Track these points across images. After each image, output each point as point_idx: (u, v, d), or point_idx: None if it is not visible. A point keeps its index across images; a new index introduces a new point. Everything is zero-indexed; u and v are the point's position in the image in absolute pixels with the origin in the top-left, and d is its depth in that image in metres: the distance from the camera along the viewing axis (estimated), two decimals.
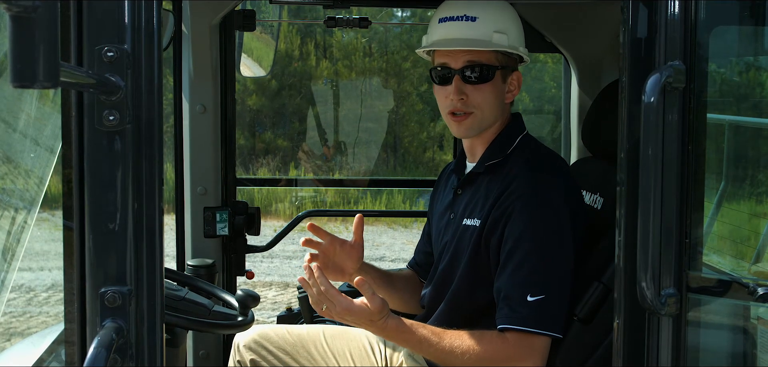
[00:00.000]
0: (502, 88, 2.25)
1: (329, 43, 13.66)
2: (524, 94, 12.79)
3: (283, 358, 2.45)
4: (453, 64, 2.20)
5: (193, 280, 2.65)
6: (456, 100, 2.20)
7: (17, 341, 4.71)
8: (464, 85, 2.20)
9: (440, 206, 2.46)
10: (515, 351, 2.03)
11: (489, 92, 2.21)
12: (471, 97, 2.20)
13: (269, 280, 8.49)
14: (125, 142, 1.30)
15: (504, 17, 2.24)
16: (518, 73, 2.30)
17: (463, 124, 2.23)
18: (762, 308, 1.80)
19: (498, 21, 2.21)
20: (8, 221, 1.92)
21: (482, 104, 2.21)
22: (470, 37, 2.19)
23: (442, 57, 2.23)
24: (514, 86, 2.29)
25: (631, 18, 1.52)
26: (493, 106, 2.23)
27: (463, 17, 2.20)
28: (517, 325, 2.03)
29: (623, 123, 1.54)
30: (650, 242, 1.46)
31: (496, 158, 2.25)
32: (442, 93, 2.25)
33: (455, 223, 2.30)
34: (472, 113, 2.22)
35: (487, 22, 2.19)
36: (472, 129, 2.25)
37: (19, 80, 0.94)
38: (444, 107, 2.25)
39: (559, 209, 2.11)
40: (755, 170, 2.96)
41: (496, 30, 2.19)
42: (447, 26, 2.22)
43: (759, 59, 2.27)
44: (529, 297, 2.02)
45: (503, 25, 2.21)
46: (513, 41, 2.23)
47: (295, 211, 10.82)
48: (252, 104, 13.04)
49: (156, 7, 1.32)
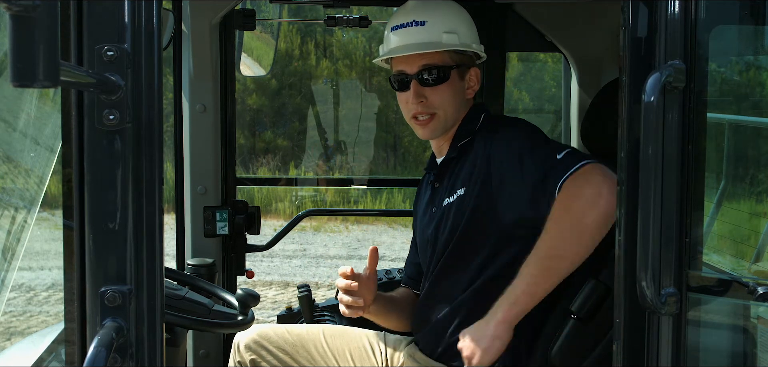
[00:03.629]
0: (460, 86, 2.33)
1: (329, 43, 13.65)
2: (524, 94, 12.81)
3: (283, 358, 2.45)
4: (409, 69, 2.29)
5: (193, 279, 2.64)
6: (416, 104, 2.28)
7: (17, 341, 4.71)
8: (422, 88, 2.28)
9: (421, 208, 2.50)
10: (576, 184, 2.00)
11: (447, 92, 2.29)
12: (430, 99, 2.28)
13: (269, 279, 8.50)
14: (125, 142, 1.30)
15: (453, 17, 2.31)
16: (476, 69, 2.38)
17: (428, 126, 2.31)
18: (762, 307, 1.80)
19: (447, 22, 2.29)
20: (8, 220, 1.92)
21: (442, 104, 2.29)
22: (421, 40, 2.27)
23: (399, 64, 2.31)
24: (474, 82, 2.37)
25: (631, 17, 1.52)
26: (453, 105, 2.31)
27: (413, 23, 2.29)
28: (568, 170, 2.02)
29: (623, 122, 1.54)
30: (650, 242, 1.46)
31: (466, 138, 2.32)
32: (402, 99, 2.33)
33: (437, 211, 2.34)
34: (435, 115, 2.30)
35: (436, 24, 2.28)
36: (436, 130, 2.33)
37: (19, 79, 0.94)
38: (406, 112, 2.33)
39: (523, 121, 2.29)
40: (755, 169, 2.96)
41: (446, 30, 2.27)
42: (399, 34, 2.30)
43: (759, 58, 2.27)
44: (557, 156, 2.06)
45: (452, 25, 2.29)
46: (464, 39, 2.30)
47: (295, 210, 10.82)
48: (252, 103, 13.04)
49: (156, 6, 1.32)
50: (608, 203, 1.92)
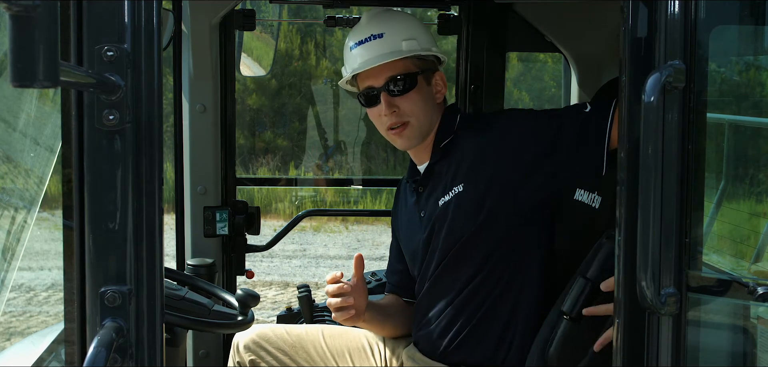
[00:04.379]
0: (428, 91, 2.34)
1: (329, 43, 13.65)
2: (524, 94, 12.81)
3: (282, 358, 2.45)
4: (376, 83, 2.30)
5: (193, 279, 2.64)
6: (389, 115, 2.29)
7: (17, 341, 4.71)
8: (392, 99, 2.29)
9: (405, 215, 2.49)
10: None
11: (417, 98, 2.30)
12: (402, 108, 2.29)
13: (269, 279, 8.50)
14: (125, 142, 1.30)
15: (408, 25, 2.34)
16: (440, 72, 2.41)
17: (403, 134, 2.32)
18: (762, 307, 1.80)
19: (403, 30, 2.32)
20: (8, 220, 1.92)
21: (414, 111, 2.30)
22: (383, 52, 2.28)
23: (365, 80, 2.33)
24: (441, 86, 2.39)
25: (631, 17, 1.52)
26: (424, 110, 2.32)
27: (371, 37, 2.31)
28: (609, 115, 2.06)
29: (623, 122, 1.54)
30: (650, 242, 1.46)
31: (447, 138, 2.34)
32: (374, 113, 2.35)
33: (427, 215, 2.33)
34: (408, 122, 2.30)
35: (394, 34, 2.30)
36: (412, 138, 2.33)
37: (19, 80, 0.94)
38: (381, 126, 2.35)
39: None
40: (755, 170, 2.96)
41: (405, 38, 2.30)
42: (359, 50, 2.33)
43: (759, 58, 2.27)
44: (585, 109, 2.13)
45: (410, 33, 2.32)
46: (424, 44, 2.33)
47: (295, 210, 10.82)
48: (252, 103, 13.04)
49: (156, 6, 1.32)
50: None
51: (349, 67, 2.37)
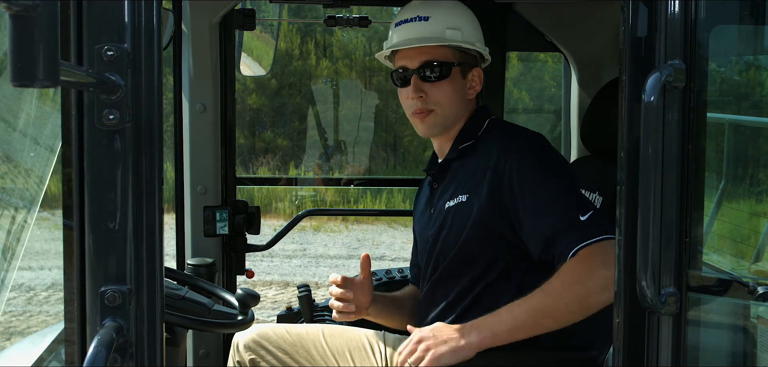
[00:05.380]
0: (462, 84, 2.30)
1: (329, 42, 13.65)
2: (524, 94, 12.82)
3: (282, 357, 2.45)
4: (410, 64, 2.27)
5: (193, 279, 2.64)
6: (416, 99, 2.26)
7: (17, 341, 4.71)
8: (422, 84, 2.26)
9: (420, 208, 2.49)
10: (594, 260, 1.97)
11: (448, 89, 2.26)
12: (430, 95, 2.25)
13: (269, 279, 8.50)
14: (125, 142, 1.30)
15: (457, 15, 2.30)
16: (479, 70, 2.35)
17: (426, 121, 2.28)
18: (762, 307, 1.80)
19: (450, 18, 2.28)
20: (8, 220, 1.92)
21: (442, 101, 2.26)
22: (423, 35, 2.25)
23: (401, 59, 2.30)
24: (476, 82, 2.34)
25: (631, 17, 1.52)
26: (453, 103, 2.28)
27: (417, 18, 2.28)
28: (588, 239, 1.99)
29: (623, 122, 1.54)
30: (650, 241, 1.46)
31: (468, 141, 2.30)
32: (403, 94, 2.32)
33: (436, 213, 2.33)
34: (433, 111, 2.27)
35: (440, 20, 2.26)
36: (435, 126, 2.30)
37: (19, 79, 0.94)
38: (407, 108, 2.32)
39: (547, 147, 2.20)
40: (755, 169, 2.96)
41: (449, 27, 2.26)
42: (403, 29, 2.30)
43: (759, 58, 2.27)
44: (581, 217, 2.02)
45: (456, 22, 2.28)
46: (467, 37, 2.29)
47: (295, 210, 10.82)
48: (252, 103, 13.04)
49: (156, 6, 1.32)
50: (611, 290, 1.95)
51: (389, 43, 2.35)
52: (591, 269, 1.97)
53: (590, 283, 1.96)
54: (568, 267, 2.00)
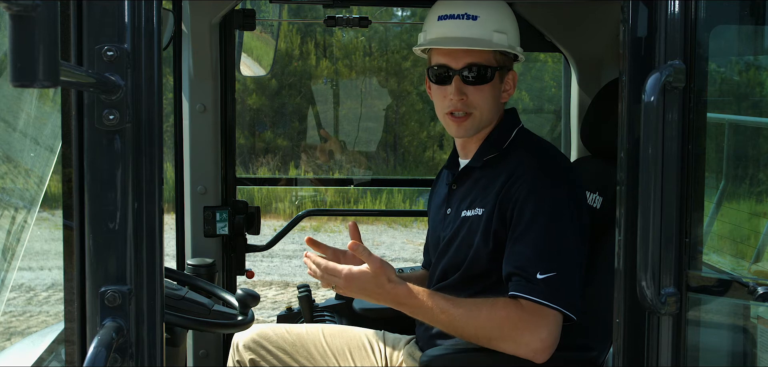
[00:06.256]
0: (499, 88, 2.25)
1: (329, 43, 13.65)
2: (524, 94, 12.82)
3: (283, 357, 2.45)
4: (453, 64, 2.19)
5: (193, 279, 2.64)
6: (456, 101, 2.19)
7: (17, 341, 4.71)
8: (464, 86, 2.19)
9: (436, 202, 2.46)
10: (529, 317, 1.99)
11: (488, 93, 2.21)
12: (471, 98, 2.19)
13: (269, 279, 8.49)
14: (125, 142, 1.30)
15: (503, 17, 2.23)
16: (514, 72, 2.30)
17: (463, 125, 2.22)
18: (762, 307, 1.80)
19: (498, 21, 2.20)
20: (8, 220, 1.92)
21: (481, 105, 2.20)
22: (472, 36, 2.17)
23: (442, 56, 2.21)
24: (510, 86, 2.29)
25: (631, 17, 1.52)
26: (490, 107, 2.23)
27: (464, 15, 2.18)
28: (531, 295, 1.99)
29: (623, 122, 1.54)
30: (650, 242, 1.46)
31: (493, 153, 2.26)
32: (440, 93, 2.23)
33: (452, 216, 2.30)
34: (472, 114, 2.21)
35: (488, 22, 2.18)
36: (471, 130, 2.25)
37: (19, 79, 0.94)
38: (442, 107, 2.24)
39: (565, 191, 2.12)
40: (755, 169, 2.96)
41: (496, 29, 2.19)
42: (447, 24, 2.20)
43: (759, 58, 2.27)
44: (538, 275, 2.00)
45: (503, 25, 2.21)
46: (511, 41, 2.23)
47: (295, 210, 10.82)
48: (252, 103, 13.05)
49: (156, 6, 1.32)
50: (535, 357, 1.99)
51: (430, 36, 2.24)
52: (518, 322, 2.00)
53: (508, 332, 2.00)
54: (506, 303, 2.03)
